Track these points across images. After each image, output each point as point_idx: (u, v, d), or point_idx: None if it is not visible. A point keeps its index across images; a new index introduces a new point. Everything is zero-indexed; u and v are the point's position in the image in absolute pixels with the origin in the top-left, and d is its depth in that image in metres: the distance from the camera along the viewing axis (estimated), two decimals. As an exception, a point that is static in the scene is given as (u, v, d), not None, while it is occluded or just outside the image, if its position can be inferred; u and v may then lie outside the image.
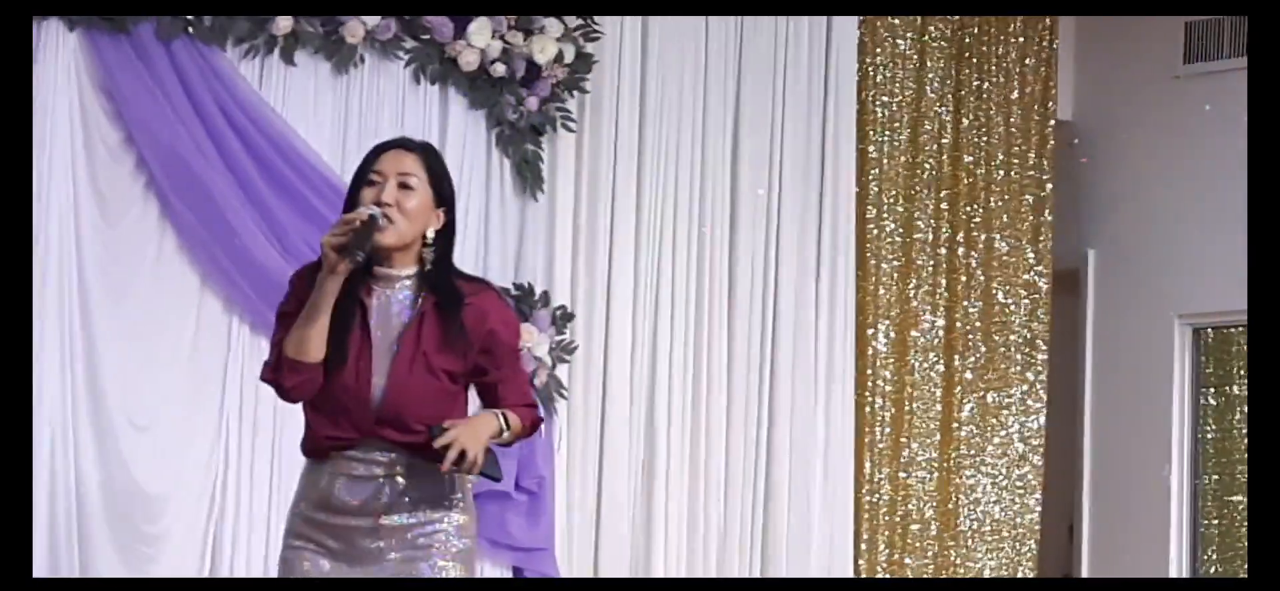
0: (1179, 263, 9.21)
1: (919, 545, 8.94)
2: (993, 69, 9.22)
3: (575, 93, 7.80)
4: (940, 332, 9.04)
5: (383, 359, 4.62)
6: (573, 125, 7.82)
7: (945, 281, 9.08)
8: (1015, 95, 9.26)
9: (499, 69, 7.58)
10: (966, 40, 9.16)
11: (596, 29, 7.82)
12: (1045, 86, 9.34)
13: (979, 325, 9.14)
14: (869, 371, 8.83)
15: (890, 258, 8.92)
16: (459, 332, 4.64)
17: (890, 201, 8.94)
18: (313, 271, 4.62)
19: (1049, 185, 9.31)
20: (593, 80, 7.86)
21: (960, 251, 9.12)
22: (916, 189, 9.00)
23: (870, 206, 8.87)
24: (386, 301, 4.66)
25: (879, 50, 8.93)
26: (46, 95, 6.79)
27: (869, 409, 8.83)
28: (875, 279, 8.87)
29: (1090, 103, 9.64)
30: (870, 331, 8.84)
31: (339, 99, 7.37)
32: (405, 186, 4.64)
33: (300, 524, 4.68)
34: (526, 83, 7.66)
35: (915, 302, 8.98)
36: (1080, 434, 9.57)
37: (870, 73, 8.89)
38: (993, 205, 9.18)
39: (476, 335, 4.66)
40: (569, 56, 7.70)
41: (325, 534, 4.64)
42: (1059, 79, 9.42)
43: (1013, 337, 9.21)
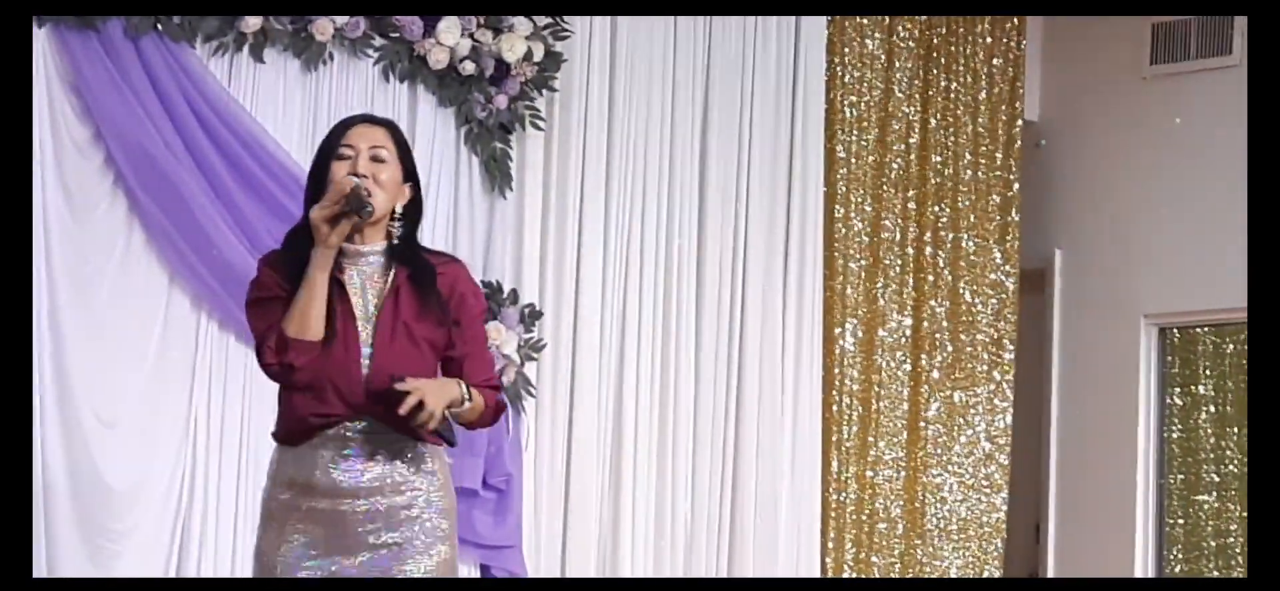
0: (1145, 263, 9.25)
1: (886, 543, 8.97)
2: (960, 69, 9.25)
3: (544, 91, 7.81)
4: (907, 332, 9.07)
5: (366, 331, 4.65)
6: (541, 124, 7.82)
7: (913, 281, 9.11)
8: (983, 95, 9.29)
9: (468, 67, 7.58)
10: (934, 41, 9.19)
11: (566, 28, 7.83)
12: (1013, 87, 9.38)
13: (946, 325, 9.17)
14: (836, 370, 8.86)
15: (858, 257, 8.95)
16: (435, 300, 4.70)
17: (858, 201, 8.96)
18: (285, 256, 4.66)
19: (1016, 185, 9.34)
20: (562, 79, 7.86)
21: (928, 251, 9.14)
22: (884, 188, 9.03)
23: (838, 205, 8.89)
24: (360, 276, 4.70)
25: (847, 50, 8.95)
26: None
27: (836, 407, 8.85)
28: (843, 278, 8.89)
29: (1057, 103, 9.67)
30: (837, 330, 8.86)
31: (308, 96, 7.36)
32: (377, 159, 4.70)
33: (279, 510, 4.68)
34: (495, 81, 7.66)
35: (882, 302, 9.01)
36: (1046, 433, 9.61)
37: (838, 72, 8.92)
38: (960, 205, 9.21)
39: (450, 302, 4.73)
40: (538, 55, 7.71)
41: (311, 520, 4.64)
42: (1027, 79, 9.46)
43: (980, 337, 9.24)
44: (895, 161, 9.06)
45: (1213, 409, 9.13)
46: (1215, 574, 9.05)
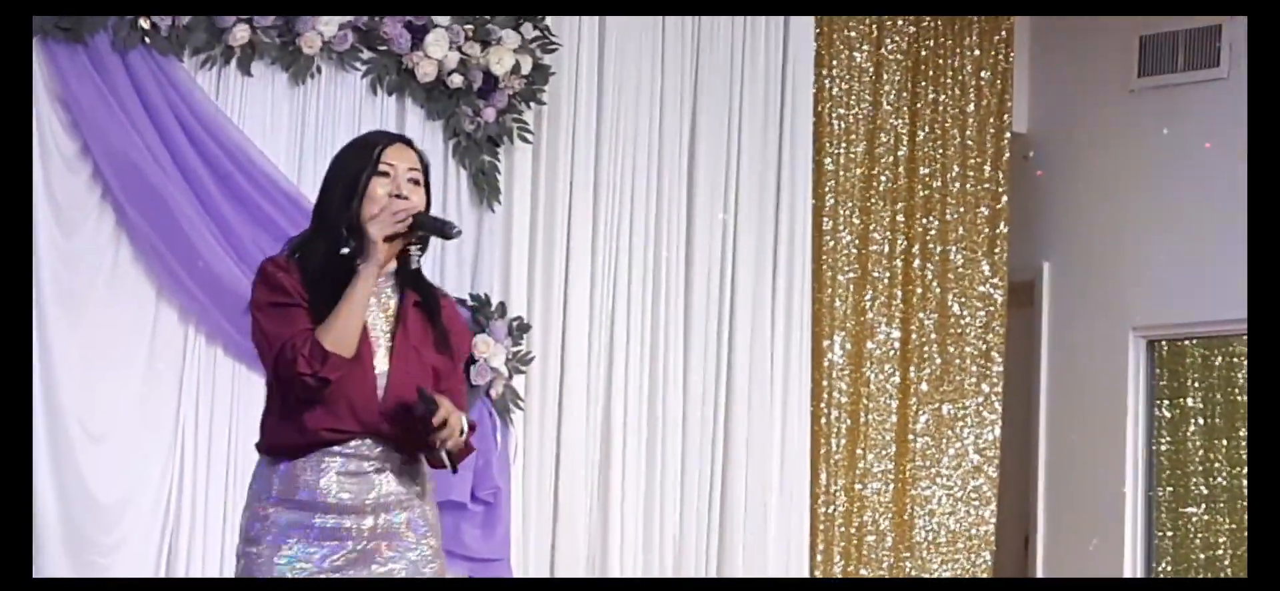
0: (1133, 275, 9.25)
1: (874, 556, 8.97)
2: (949, 82, 9.26)
3: (532, 104, 7.81)
4: (896, 344, 9.07)
5: (381, 351, 4.64)
6: (529, 136, 7.82)
7: (901, 293, 9.11)
8: (971, 108, 9.30)
9: (456, 80, 7.59)
10: (922, 53, 9.20)
11: (553, 41, 7.83)
12: (1001, 99, 9.39)
13: (934, 337, 9.17)
14: (825, 382, 8.86)
15: (846, 269, 8.95)
16: (440, 329, 4.72)
17: (846, 214, 8.97)
18: (303, 263, 4.61)
19: (1005, 198, 9.35)
20: (549, 92, 7.87)
21: (916, 264, 9.15)
22: (872, 201, 9.03)
23: (826, 218, 8.89)
24: (375, 297, 4.68)
25: (835, 63, 8.96)
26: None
27: (825, 420, 8.85)
28: (831, 290, 8.90)
29: (1045, 116, 9.68)
30: (826, 343, 8.86)
31: (295, 109, 7.36)
32: (414, 181, 4.74)
33: (276, 525, 4.60)
34: (483, 94, 7.67)
35: (871, 314, 9.01)
36: (1035, 445, 9.61)
37: (826, 86, 8.92)
38: (948, 218, 9.22)
39: (451, 334, 4.75)
40: (526, 68, 7.71)
41: (310, 537, 4.59)
42: (1014, 92, 9.47)
43: (968, 349, 9.24)
44: (883, 174, 9.07)
45: (1201, 421, 9.13)
46: (1204, 585, 9.06)
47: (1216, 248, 8.74)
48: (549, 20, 7.82)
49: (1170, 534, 9.18)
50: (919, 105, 9.19)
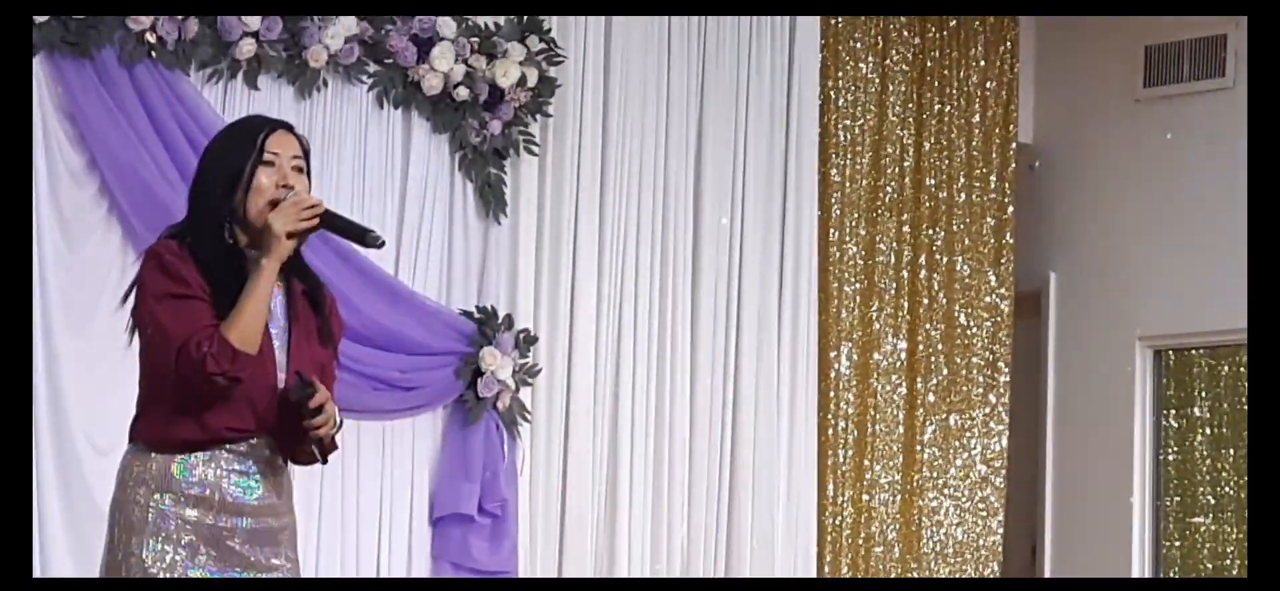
0: (1140, 285, 9.25)
1: (882, 567, 8.96)
2: (954, 92, 9.26)
3: (538, 117, 7.82)
4: (902, 355, 9.07)
5: (279, 346, 4.55)
6: (536, 149, 7.83)
7: (907, 304, 9.11)
8: (976, 118, 9.30)
9: (462, 93, 7.59)
10: (928, 64, 9.20)
11: (559, 53, 7.84)
12: (1006, 110, 9.39)
13: (941, 348, 9.17)
14: (831, 394, 8.86)
15: (852, 281, 8.95)
16: (324, 319, 4.62)
17: (852, 224, 8.97)
18: (197, 254, 4.49)
19: (1011, 208, 9.35)
20: (555, 104, 7.87)
21: (922, 274, 9.15)
22: (878, 212, 9.03)
23: (832, 229, 8.90)
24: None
25: (841, 74, 8.97)
26: (9, 119, 6.79)
27: (831, 431, 8.85)
28: (837, 302, 8.90)
29: (1051, 126, 9.68)
30: (833, 354, 8.86)
31: (302, 123, 7.33)
32: (298, 169, 4.58)
33: (159, 518, 4.47)
34: (489, 106, 7.67)
35: (877, 325, 9.01)
36: (1042, 456, 9.60)
37: (832, 97, 8.93)
38: (954, 228, 9.22)
39: (332, 323, 4.66)
40: (532, 80, 7.72)
41: (199, 534, 4.47)
42: (1020, 102, 9.47)
43: (975, 360, 9.24)
44: (889, 185, 9.07)
45: (1209, 431, 9.13)
46: (1212, 596, 9.05)
47: (1223, 257, 8.73)
48: (555, 31, 7.83)
49: (1178, 543, 9.17)
50: (924, 116, 9.19)
